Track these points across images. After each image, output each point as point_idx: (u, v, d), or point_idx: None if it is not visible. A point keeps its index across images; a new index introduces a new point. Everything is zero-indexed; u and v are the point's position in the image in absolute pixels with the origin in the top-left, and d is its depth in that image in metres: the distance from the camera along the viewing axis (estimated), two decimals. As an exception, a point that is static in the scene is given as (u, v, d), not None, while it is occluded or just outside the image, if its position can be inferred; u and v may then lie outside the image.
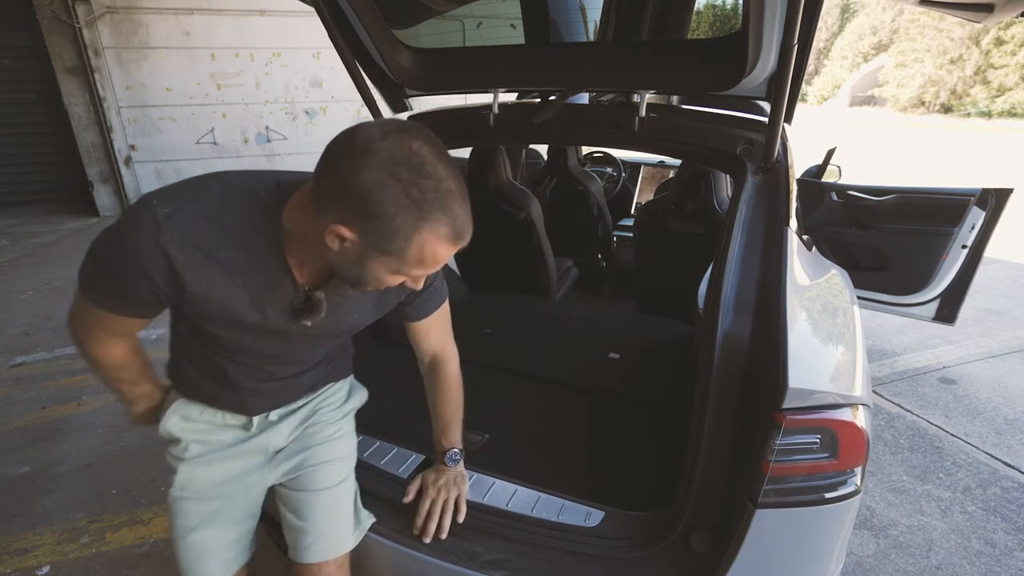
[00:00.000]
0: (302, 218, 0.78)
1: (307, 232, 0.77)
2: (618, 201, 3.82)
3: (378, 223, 0.68)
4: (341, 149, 0.69)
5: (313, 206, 0.75)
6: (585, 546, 1.12)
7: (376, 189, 0.66)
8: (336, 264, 0.78)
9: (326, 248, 0.73)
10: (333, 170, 0.69)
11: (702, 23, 1.72)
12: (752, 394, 1.07)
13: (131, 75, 6.59)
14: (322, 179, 0.71)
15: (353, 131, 0.70)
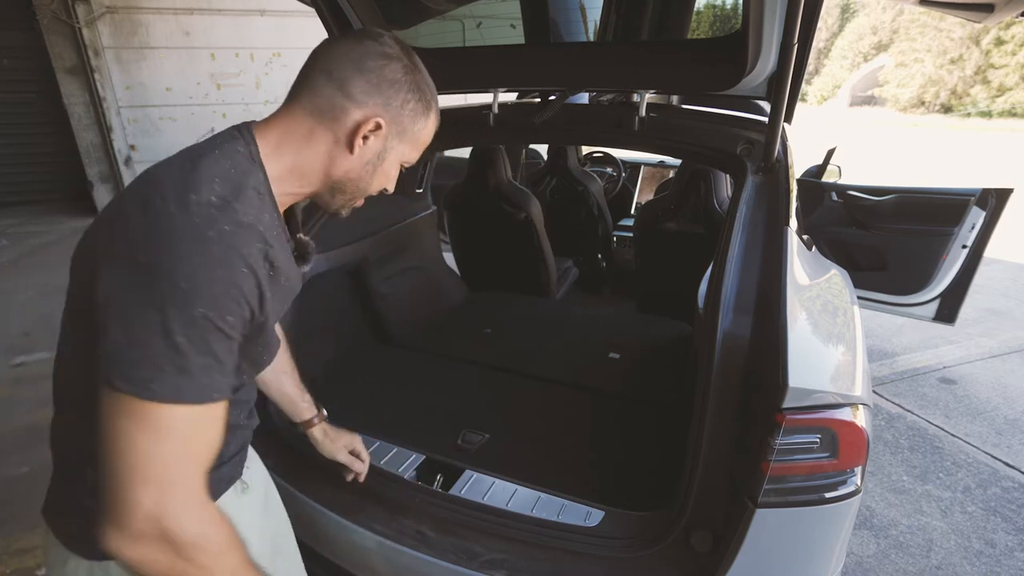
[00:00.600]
0: (292, 148, 0.72)
1: (302, 159, 0.73)
2: (618, 201, 3.82)
3: (405, 110, 0.74)
4: (353, 57, 0.71)
5: (313, 123, 0.72)
6: (585, 546, 1.12)
7: (401, 77, 0.73)
8: (343, 178, 0.76)
9: (336, 161, 0.74)
10: (354, 70, 0.71)
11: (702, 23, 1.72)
12: (752, 394, 1.07)
13: (131, 75, 6.59)
14: (332, 87, 0.70)
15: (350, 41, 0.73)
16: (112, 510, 0.56)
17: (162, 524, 0.56)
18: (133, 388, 0.55)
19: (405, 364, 1.93)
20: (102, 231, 0.63)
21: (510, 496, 1.26)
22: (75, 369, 0.68)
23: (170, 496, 0.57)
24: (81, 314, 0.62)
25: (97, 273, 0.59)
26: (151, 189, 0.62)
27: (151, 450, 0.56)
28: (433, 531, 1.20)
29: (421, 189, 2.42)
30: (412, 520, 1.22)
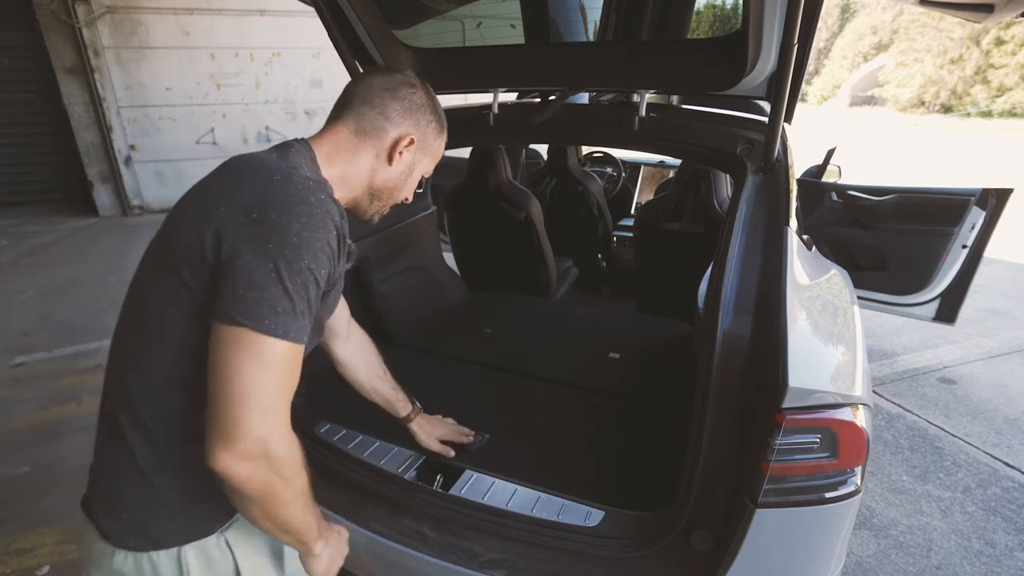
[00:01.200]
0: (342, 160, 0.87)
1: (349, 170, 0.88)
2: (618, 201, 3.82)
3: (429, 128, 0.94)
4: (387, 87, 0.90)
5: (358, 141, 0.88)
6: (585, 546, 1.12)
7: (424, 102, 0.93)
8: (382, 186, 0.92)
9: (378, 172, 0.90)
10: (390, 98, 0.89)
11: (702, 23, 1.72)
12: (752, 394, 1.07)
13: (131, 75, 6.59)
14: (374, 112, 0.88)
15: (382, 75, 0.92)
16: (224, 434, 0.64)
17: (264, 444, 0.65)
18: (252, 323, 0.65)
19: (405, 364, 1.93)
20: (214, 198, 0.72)
21: (510, 496, 1.26)
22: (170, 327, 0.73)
23: (271, 421, 0.66)
24: (190, 265, 0.70)
25: (218, 232, 0.68)
26: (259, 167, 0.75)
27: (259, 379, 0.65)
28: (433, 531, 1.20)
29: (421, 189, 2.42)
30: (412, 520, 1.22)
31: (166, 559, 0.77)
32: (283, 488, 0.69)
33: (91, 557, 0.80)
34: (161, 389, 0.73)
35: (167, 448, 0.75)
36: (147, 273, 0.78)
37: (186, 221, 0.73)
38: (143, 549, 0.76)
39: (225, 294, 0.66)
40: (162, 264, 0.74)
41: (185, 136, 7.05)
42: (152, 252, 0.78)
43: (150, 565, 0.77)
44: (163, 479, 0.75)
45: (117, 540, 0.77)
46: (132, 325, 0.78)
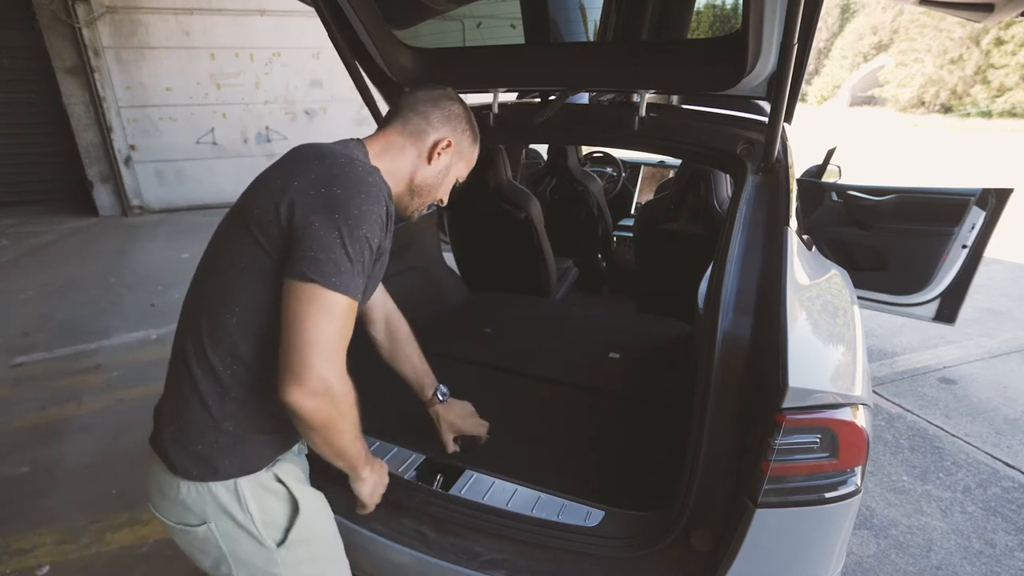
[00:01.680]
0: (389, 156, 1.00)
1: (395, 166, 1.00)
2: (618, 201, 3.82)
3: (464, 136, 1.08)
4: (430, 98, 1.04)
5: (404, 141, 1.02)
6: (585, 546, 1.12)
7: (462, 113, 1.07)
8: (421, 183, 1.04)
9: (418, 170, 1.03)
10: (432, 107, 1.03)
11: (702, 23, 1.72)
12: (752, 394, 1.07)
13: (131, 75, 6.59)
14: (418, 117, 1.02)
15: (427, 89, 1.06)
16: (296, 373, 0.76)
17: (327, 382, 0.78)
18: (320, 279, 0.77)
19: None
20: (288, 175, 0.85)
21: (510, 496, 1.26)
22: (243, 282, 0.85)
23: (332, 363, 0.79)
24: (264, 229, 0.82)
25: (291, 202, 0.81)
26: (326, 152, 0.88)
27: (324, 327, 0.77)
28: (433, 531, 1.20)
29: None
30: (412, 520, 1.22)
31: (223, 489, 0.88)
32: (339, 420, 0.83)
33: (159, 490, 0.91)
34: (229, 336, 0.84)
35: (230, 387, 0.86)
36: (223, 235, 0.90)
37: (262, 193, 0.86)
38: (204, 479, 0.87)
39: (299, 256, 0.78)
40: (238, 229, 0.86)
41: (185, 136, 7.05)
42: (229, 219, 0.91)
43: (210, 495, 0.87)
44: (224, 415, 0.86)
45: (183, 471, 0.87)
46: (207, 278, 0.89)
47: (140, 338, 3.56)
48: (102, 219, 6.76)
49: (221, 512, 0.89)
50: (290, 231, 0.80)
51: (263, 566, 0.94)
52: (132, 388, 2.96)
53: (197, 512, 0.89)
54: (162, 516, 0.93)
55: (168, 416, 0.89)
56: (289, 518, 0.95)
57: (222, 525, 0.89)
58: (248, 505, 0.89)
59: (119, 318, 3.86)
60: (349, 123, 7.63)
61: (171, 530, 0.93)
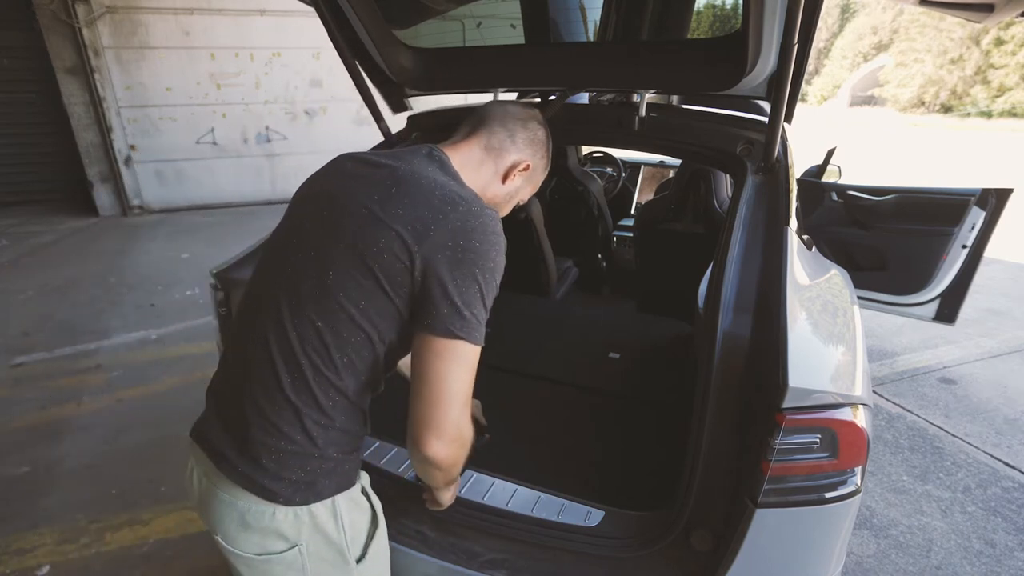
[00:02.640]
0: (468, 170, 0.97)
1: (471, 179, 0.96)
2: (618, 201, 3.81)
3: (541, 163, 1.07)
4: (520, 116, 1.03)
5: (484, 156, 0.99)
6: (585, 546, 1.12)
7: (544, 140, 1.06)
8: (490, 198, 1.02)
9: (490, 186, 1.01)
10: (520, 127, 1.02)
11: (702, 23, 1.72)
12: (752, 394, 1.07)
13: (131, 75, 6.59)
14: (504, 134, 1.00)
15: (519, 107, 1.05)
16: (437, 427, 0.78)
17: (460, 429, 0.81)
18: (466, 335, 0.78)
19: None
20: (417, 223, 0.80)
21: (510, 496, 1.26)
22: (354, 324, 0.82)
23: (464, 411, 0.81)
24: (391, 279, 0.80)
25: (426, 259, 0.78)
26: (453, 199, 0.83)
27: (464, 379, 0.79)
28: (433, 531, 1.20)
29: None
30: (412, 520, 1.22)
31: (322, 508, 0.87)
32: (464, 456, 0.86)
33: (240, 522, 0.85)
34: (335, 371, 0.82)
35: (335, 418, 0.84)
36: (333, 269, 0.82)
37: (382, 231, 0.80)
38: (308, 502, 0.85)
39: (443, 312, 0.78)
40: (351, 263, 0.81)
41: (185, 136, 7.05)
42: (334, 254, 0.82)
43: (309, 516, 0.86)
44: (328, 443, 0.85)
45: (284, 499, 0.83)
46: (311, 314, 0.82)
47: (140, 338, 3.56)
48: (102, 219, 6.76)
49: (316, 532, 0.87)
50: (424, 284, 0.79)
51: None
52: (132, 388, 2.96)
53: (291, 536, 0.86)
54: (237, 549, 0.87)
55: (261, 451, 0.83)
56: (369, 532, 0.95)
57: (314, 545, 0.87)
58: (343, 522, 0.89)
59: (119, 318, 3.86)
60: (349, 123, 7.63)
61: (244, 561, 0.88)
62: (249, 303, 0.92)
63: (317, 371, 0.82)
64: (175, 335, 3.61)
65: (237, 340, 0.91)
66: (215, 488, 0.86)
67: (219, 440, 0.87)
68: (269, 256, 0.92)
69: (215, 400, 0.92)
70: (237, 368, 0.88)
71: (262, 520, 0.84)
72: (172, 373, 3.11)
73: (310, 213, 0.89)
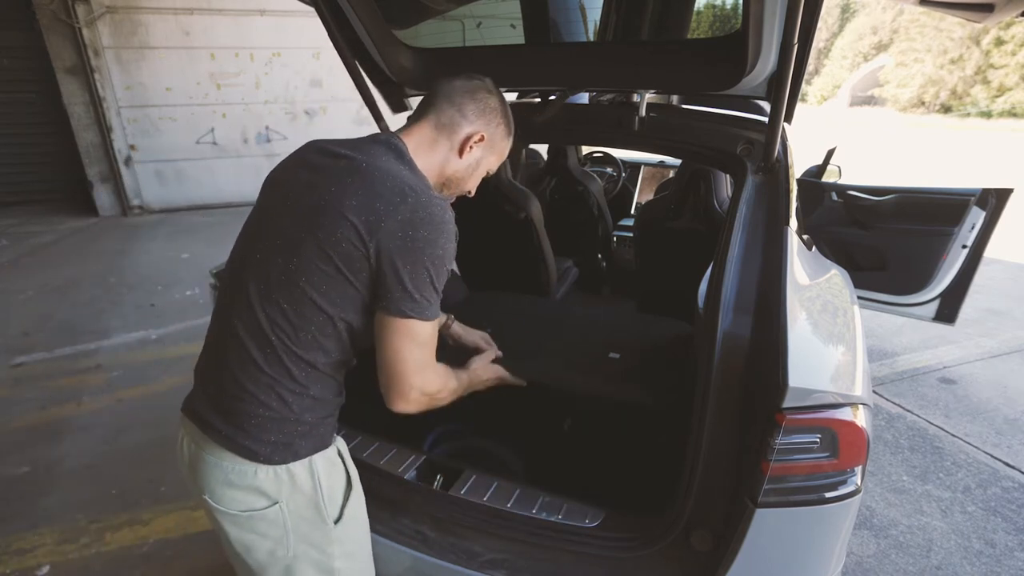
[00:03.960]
0: (423, 154, 1.01)
1: (428, 161, 1.01)
2: (618, 201, 3.81)
3: (498, 130, 1.08)
4: (467, 89, 1.05)
5: (436, 135, 1.02)
6: (585, 546, 1.12)
7: (497, 107, 1.08)
8: (452, 175, 1.06)
9: (448, 163, 1.04)
10: (468, 99, 1.04)
11: (702, 23, 1.72)
12: (752, 394, 1.07)
13: (131, 75, 6.59)
14: (453, 109, 1.02)
15: (464, 79, 1.07)
16: (400, 393, 0.93)
17: (423, 390, 0.94)
18: (418, 315, 0.89)
19: None
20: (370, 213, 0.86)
21: (510, 496, 1.26)
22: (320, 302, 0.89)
23: (427, 373, 0.94)
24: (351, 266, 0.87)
25: (379, 246, 0.86)
26: (403, 190, 0.88)
27: (418, 352, 0.91)
28: (433, 531, 1.20)
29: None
30: (412, 520, 1.22)
31: (300, 468, 0.94)
32: (440, 399, 1.01)
33: (226, 481, 0.93)
34: (304, 348, 0.90)
35: (308, 387, 0.93)
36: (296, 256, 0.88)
37: (339, 221, 0.86)
38: (286, 461, 0.93)
39: (396, 295, 0.87)
40: (313, 251, 0.87)
41: (185, 136, 7.05)
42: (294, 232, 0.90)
43: (288, 474, 0.93)
44: (304, 408, 0.93)
45: (264, 458, 0.91)
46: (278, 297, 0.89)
47: (140, 338, 3.56)
48: (102, 219, 6.76)
49: (295, 490, 0.94)
50: (379, 269, 0.87)
51: (320, 543, 0.99)
52: (132, 388, 2.96)
53: (272, 494, 0.93)
54: (224, 507, 0.94)
55: (238, 414, 0.91)
56: (345, 493, 1.02)
57: (294, 503, 0.94)
58: (320, 480, 0.96)
59: (119, 318, 3.86)
60: (349, 123, 7.63)
61: (230, 519, 0.95)
62: (224, 287, 1.00)
63: (286, 347, 0.90)
64: (175, 335, 3.61)
65: (216, 321, 0.99)
66: (202, 451, 0.94)
67: (204, 410, 0.95)
68: (240, 243, 0.99)
69: (200, 376, 1.00)
70: (218, 347, 0.96)
71: (245, 478, 0.92)
72: (172, 373, 3.10)
73: (277, 202, 0.96)
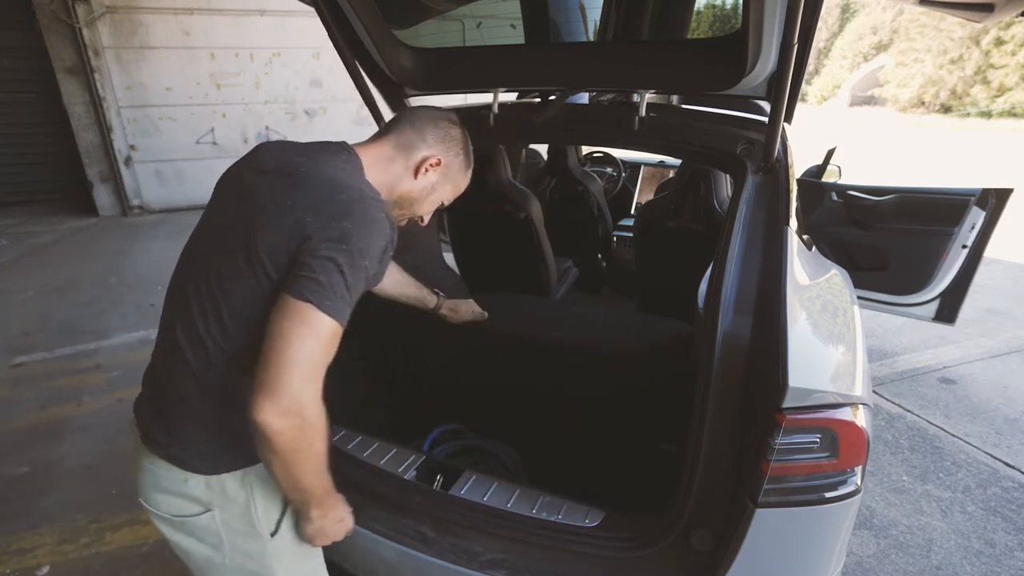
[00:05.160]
0: (378, 170, 1.00)
1: (382, 177, 1.00)
2: (618, 201, 3.81)
3: (456, 160, 1.08)
4: (431, 116, 1.06)
5: (394, 153, 1.02)
6: (585, 546, 1.12)
7: (459, 138, 1.08)
8: (403, 195, 1.04)
9: (402, 181, 1.03)
10: (430, 125, 1.05)
11: (702, 23, 1.72)
12: (752, 394, 1.07)
13: (131, 75, 6.59)
14: (413, 132, 1.04)
15: (430, 109, 1.08)
16: (271, 389, 0.75)
17: (300, 404, 0.76)
18: (317, 301, 0.78)
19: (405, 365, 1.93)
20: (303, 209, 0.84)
21: (510, 496, 1.26)
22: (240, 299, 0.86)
23: (309, 385, 0.77)
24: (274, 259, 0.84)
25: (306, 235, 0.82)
26: (339, 187, 0.87)
27: (309, 347, 0.77)
28: (433, 531, 1.20)
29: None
30: (412, 520, 1.22)
31: (232, 480, 0.92)
32: (306, 448, 0.80)
33: (155, 485, 0.93)
34: (236, 351, 0.87)
35: (238, 391, 0.85)
36: (225, 259, 0.87)
37: (273, 224, 0.85)
38: (216, 472, 0.91)
39: (300, 275, 0.80)
40: (237, 250, 0.86)
41: (185, 136, 7.05)
42: (225, 232, 0.90)
43: (219, 485, 0.91)
44: (234, 417, 0.88)
45: (192, 467, 0.90)
46: (207, 301, 0.88)
47: (140, 338, 3.56)
48: (102, 219, 6.76)
49: (227, 501, 0.92)
50: (297, 254, 0.82)
51: (257, 555, 0.97)
52: (132, 388, 2.96)
53: (203, 501, 0.92)
54: (156, 510, 0.95)
55: (173, 420, 0.91)
56: (282, 508, 0.99)
57: (226, 513, 0.93)
58: (254, 494, 0.94)
59: (119, 318, 3.86)
60: (349, 123, 7.63)
61: (165, 522, 0.96)
62: (169, 290, 1.00)
63: (218, 352, 0.87)
64: (175, 335, 3.61)
65: (161, 322, 0.98)
66: (140, 457, 0.95)
67: (144, 413, 0.96)
68: (187, 245, 1.00)
69: (145, 380, 1.00)
70: (160, 350, 0.96)
71: (175, 486, 0.91)
72: (172, 373, 3.10)
73: (220, 205, 0.96)
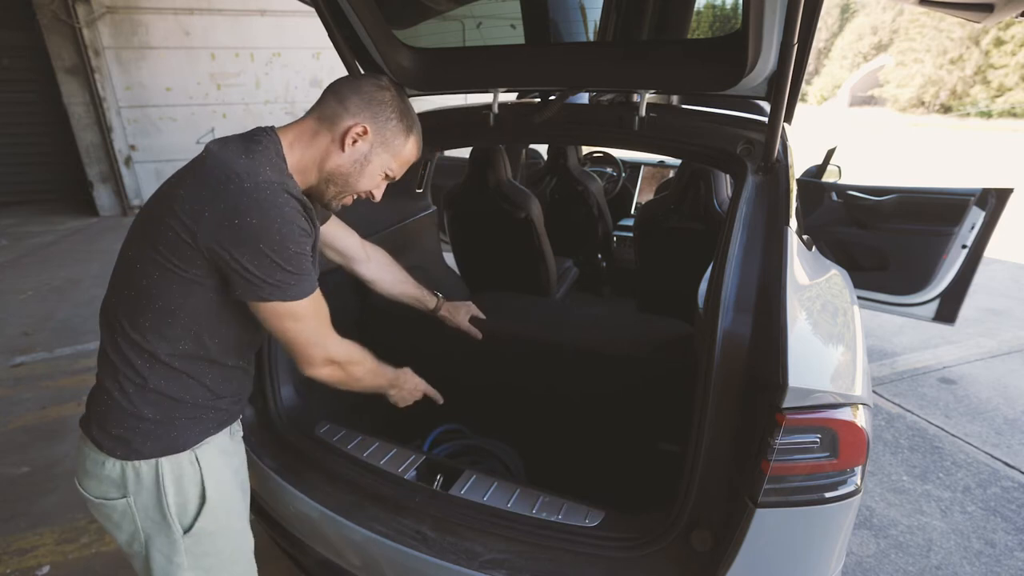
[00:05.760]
0: (302, 147, 0.98)
1: (306, 155, 0.98)
2: (618, 201, 3.81)
3: (388, 125, 1.01)
4: (354, 84, 1.00)
5: (318, 127, 0.99)
6: (585, 546, 1.12)
7: (389, 101, 1.01)
8: (334, 170, 1.00)
9: (330, 156, 0.99)
10: (352, 92, 0.99)
11: (702, 23, 1.72)
12: (752, 393, 1.07)
13: (131, 75, 6.59)
14: (335, 102, 0.99)
15: (354, 77, 1.03)
16: (305, 362, 0.98)
17: (327, 356, 0.99)
18: (279, 297, 0.88)
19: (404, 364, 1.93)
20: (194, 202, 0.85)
21: (510, 496, 1.26)
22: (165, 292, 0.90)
23: (324, 343, 0.98)
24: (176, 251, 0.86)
25: (208, 235, 0.83)
26: (229, 177, 0.85)
27: (302, 328, 0.94)
28: (433, 531, 1.20)
29: (421, 189, 2.42)
30: (412, 520, 1.22)
31: (146, 468, 0.95)
32: (354, 372, 1.06)
33: (84, 468, 0.99)
34: (143, 335, 0.91)
35: (148, 379, 0.93)
36: (134, 244, 0.92)
37: (167, 216, 0.87)
38: (129, 458, 0.94)
39: (250, 284, 0.86)
40: (145, 246, 0.89)
41: (185, 136, 7.05)
42: (137, 230, 0.94)
43: (133, 472, 0.95)
44: (144, 403, 0.93)
45: (108, 450, 0.94)
46: (122, 282, 0.93)
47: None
48: (102, 219, 6.76)
49: (141, 489, 0.96)
50: (214, 259, 0.85)
51: (168, 551, 1.00)
52: (132, 388, 2.96)
53: (120, 486, 0.96)
54: (84, 491, 1.00)
55: (94, 402, 0.97)
56: (198, 506, 1.00)
57: (140, 501, 0.96)
58: (166, 486, 0.96)
59: (119, 318, 3.86)
60: (349, 123, 7.64)
61: (92, 505, 1.00)
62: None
63: (125, 334, 0.92)
64: (175, 335, 3.61)
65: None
66: (79, 439, 1.00)
67: (88, 398, 1.00)
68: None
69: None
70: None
71: (96, 467, 0.96)
72: (172, 373, 3.11)
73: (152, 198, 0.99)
